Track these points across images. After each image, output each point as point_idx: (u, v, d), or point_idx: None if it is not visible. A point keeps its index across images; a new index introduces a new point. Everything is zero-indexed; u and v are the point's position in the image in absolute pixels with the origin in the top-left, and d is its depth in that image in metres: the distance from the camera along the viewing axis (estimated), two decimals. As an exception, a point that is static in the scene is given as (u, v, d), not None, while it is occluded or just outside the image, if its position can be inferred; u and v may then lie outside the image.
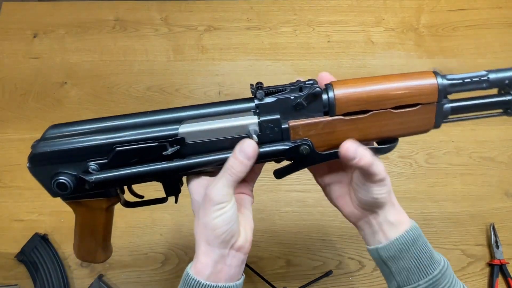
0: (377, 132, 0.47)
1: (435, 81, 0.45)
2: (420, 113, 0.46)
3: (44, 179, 0.47)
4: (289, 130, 0.46)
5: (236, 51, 1.04)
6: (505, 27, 1.09)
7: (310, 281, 0.78)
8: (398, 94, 0.45)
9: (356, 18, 1.09)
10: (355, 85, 0.45)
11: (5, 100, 0.95)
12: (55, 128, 0.46)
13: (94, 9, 1.07)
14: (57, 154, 0.45)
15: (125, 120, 0.46)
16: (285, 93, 0.45)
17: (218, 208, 0.43)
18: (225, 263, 0.44)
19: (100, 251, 0.56)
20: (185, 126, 0.45)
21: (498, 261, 0.80)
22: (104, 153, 0.45)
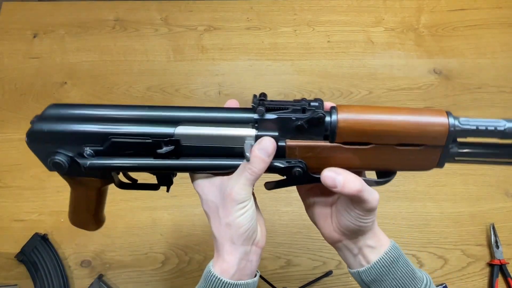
0: (376, 164, 0.46)
1: (446, 126, 0.42)
2: (424, 154, 0.44)
3: (41, 155, 0.47)
4: (285, 148, 0.45)
5: (236, 51, 1.04)
6: (505, 27, 1.09)
7: (310, 281, 0.78)
8: (404, 132, 0.42)
9: (356, 18, 1.09)
10: (360, 114, 0.43)
11: (5, 100, 0.95)
12: (55, 108, 0.46)
13: (94, 9, 1.07)
14: (54, 134, 0.46)
15: (124, 111, 0.46)
16: (287, 112, 0.44)
17: (241, 207, 0.44)
18: (248, 260, 0.46)
19: (93, 222, 0.58)
20: (182, 128, 0.45)
21: (498, 261, 0.80)
22: (100, 141, 0.46)
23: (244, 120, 0.45)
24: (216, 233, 0.46)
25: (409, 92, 1.00)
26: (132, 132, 0.45)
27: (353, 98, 0.99)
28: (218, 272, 0.44)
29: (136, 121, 0.46)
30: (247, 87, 0.99)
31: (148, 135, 0.45)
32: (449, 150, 0.44)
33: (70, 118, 0.46)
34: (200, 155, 0.46)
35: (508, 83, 1.02)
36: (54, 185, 0.85)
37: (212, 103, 0.97)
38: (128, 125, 0.46)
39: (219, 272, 0.44)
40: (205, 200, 0.47)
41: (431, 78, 1.02)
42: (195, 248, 0.81)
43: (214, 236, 0.46)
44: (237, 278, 0.45)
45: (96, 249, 0.80)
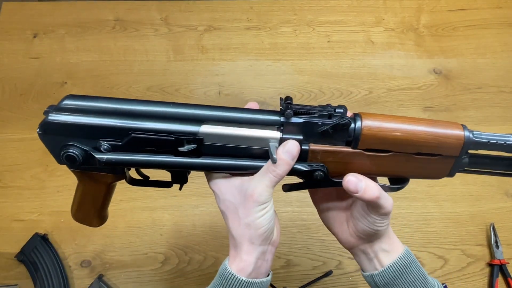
0: (392, 171, 0.47)
1: (462, 138, 0.44)
2: (439, 163, 0.46)
3: (54, 147, 0.46)
4: (308, 152, 0.45)
5: (236, 51, 1.04)
6: (505, 27, 1.09)
7: (310, 281, 0.78)
8: (423, 142, 0.44)
9: (356, 18, 1.09)
10: (384, 122, 0.44)
11: (5, 100, 0.95)
12: (73, 99, 0.45)
13: (94, 9, 1.07)
14: (71, 126, 0.44)
15: (146, 107, 0.45)
16: (313, 117, 0.45)
17: (262, 208, 0.44)
18: (264, 259, 0.47)
19: (97, 218, 0.57)
20: (207, 127, 0.45)
21: (498, 261, 0.80)
22: (119, 135, 0.45)
23: (270, 122, 0.45)
24: (234, 232, 0.46)
25: (409, 92, 1.00)
26: (156, 129, 0.44)
27: (353, 98, 0.99)
28: (236, 270, 0.45)
29: (158, 117, 0.45)
30: (247, 87, 0.99)
31: (171, 132, 0.45)
32: (461, 161, 0.46)
33: (88, 110, 0.45)
34: (220, 155, 0.46)
35: (508, 83, 1.02)
36: (54, 185, 0.85)
37: (212, 103, 0.96)
38: (150, 121, 0.45)
39: (236, 271, 0.45)
40: (222, 199, 0.47)
41: (431, 78, 1.02)
42: (195, 248, 0.81)
43: (232, 235, 0.46)
44: (253, 276, 0.46)
45: (96, 249, 0.80)
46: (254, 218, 0.44)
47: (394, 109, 0.97)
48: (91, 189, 0.53)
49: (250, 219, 0.44)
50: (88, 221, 0.58)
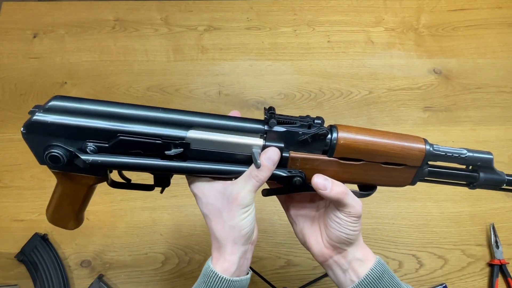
0: (362, 179, 0.51)
1: (423, 150, 0.49)
2: (403, 172, 0.51)
3: (37, 147, 0.46)
4: (289, 159, 0.49)
5: (236, 51, 1.04)
6: (505, 27, 1.09)
7: (310, 281, 0.78)
8: (391, 153, 0.49)
9: (356, 18, 1.09)
10: (358, 134, 0.48)
11: (5, 100, 0.95)
12: (60, 100, 0.45)
13: (94, 9, 1.07)
14: (57, 127, 0.45)
15: (135, 110, 0.46)
16: (295, 127, 0.48)
17: (245, 211, 0.47)
18: (245, 258, 0.49)
19: (73, 220, 0.57)
20: (194, 132, 0.46)
21: (498, 261, 0.80)
22: (106, 137, 0.45)
23: (254, 130, 0.48)
24: (218, 234, 0.48)
25: (409, 92, 1.00)
26: (144, 132, 0.45)
27: (353, 98, 0.99)
28: (220, 270, 0.47)
29: (146, 121, 0.46)
30: (247, 87, 0.99)
31: (159, 136, 0.46)
32: (422, 171, 0.51)
33: (76, 112, 0.45)
34: (204, 159, 0.48)
35: (508, 83, 1.02)
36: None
37: (212, 103, 0.97)
38: (139, 125, 0.46)
39: (221, 271, 0.47)
40: (205, 202, 0.49)
41: (431, 78, 1.02)
42: (195, 248, 0.81)
43: (216, 237, 0.49)
44: (236, 275, 0.48)
45: (96, 249, 0.80)
46: (238, 220, 0.47)
47: (394, 109, 0.97)
48: (70, 191, 0.52)
49: (235, 221, 0.47)
50: (64, 223, 0.57)
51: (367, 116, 0.96)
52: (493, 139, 0.94)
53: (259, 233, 0.82)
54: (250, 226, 0.48)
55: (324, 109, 0.97)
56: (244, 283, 0.49)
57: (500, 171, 0.54)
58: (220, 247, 0.48)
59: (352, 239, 0.50)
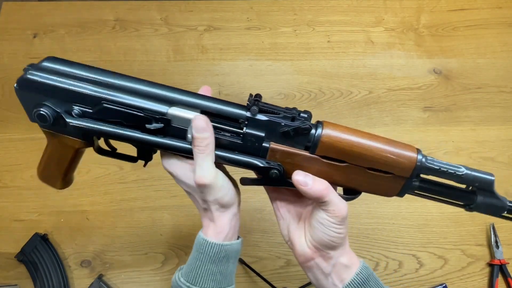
0: (345, 181, 0.49)
1: (414, 161, 0.46)
2: (390, 181, 0.47)
3: (27, 104, 0.47)
4: (268, 150, 0.47)
5: (236, 51, 1.04)
6: (505, 27, 1.09)
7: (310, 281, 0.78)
8: (377, 158, 0.46)
9: (356, 18, 1.09)
10: (343, 133, 0.46)
11: (5, 100, 0.95)
12: (53, 61, 0.47)
13: (94, 9, 1.07)
14: (46, 87, 0.46)
15: (122, 81, 0.47)
16: (277, 117, 0.47)
17: (213, 187, 0.46)
18: (236, 219, 0.50)
19: (60, 181, 0.58)
20: (175, 110, 0.47)
21: (498, 261, 0.80)
22: (91, 103, 0.46)
23: (235, 115, 0.47)
24: (201, 205, 0.49)
25: (409, 92, 1.00)
26: (127, 103, 0.46)
27: (353, 98, 0.99)
28: (209, 236, 0.48)
29: (131, 92, 0.47)
30: (247, 87, 0.99)
31: (142, 108, 0.46)
32: (411, 183, 0.48)
33: (66, 74, 0.46)
34: (184, 138, 0.47)
35: (508, 83, 1.02)
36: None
37: (212, 103, 0.97)
38: (124, 95, 0.46)
39: (213, 234, 0.48)
40: (179, 181, 0.49)
41: (431, 78, 1.02)
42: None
43: (202, 209, 0.50)
44: (230, 237, 0.49)
45: (96, 249, 0.80)
46: (213, 196, 0.47)
47: (394, 109, 0.97)
48: (58, 151, 0.54)
49: (211, 198, 0.47)
50: (52, 182, 0.59)
51: (367, 116, 0.96)
52: (493, 139, 0.94)
53: (259, 233, 0.82)
54: (227, 195, 0.48)
55: (324, 109, 0.97)
56: (235, 247, 0.49)
57: (502, 197, 0.50)
58: (209, 216, 0.49)
59: (336, 242, 0.47)
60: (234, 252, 0.49)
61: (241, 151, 0.48)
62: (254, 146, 0.47)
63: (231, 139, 0.48)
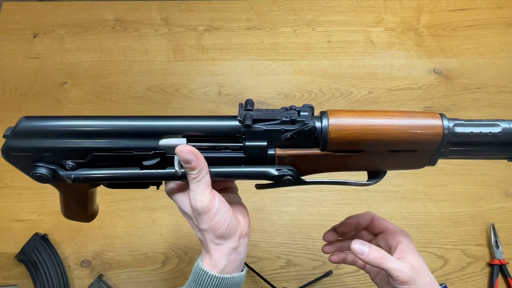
0: (366, 167, 0.46)
1: (440, 131, 0.41)
2: (416, 157, 0.44)
3: (22, 168, 0.46)
4: (275, 157, 0.45)
5: (236, 51, 1.04)
6: (505, 27, 1.09)
7: (310, 281, 0.78)
8: (397, 141, 0.41)
9: (356, 18, 1.09)
10: (353, 122, 0.41)
11: (5, 100, 0.95)
12: (28, 121, 0.44)
13: (94, 9, 1.07)
14: (30, 150, 0.44)
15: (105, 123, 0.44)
16: (275, 124, 0.43)
17: (210, 213, 0.44)
18: (236, 253, 0.47)
19: (86, 216, 0.58)
20: (166, 141, 0.44)
21: (498, 261, 0.80)
22: (81, 155, 0.45)
23: (230, 131, 0.44)
24: (199, 236, 0.47)
25: (409, 92, 1.00)
26: (114, 147, 0.44)
27: (353, 98, 0.99)
28: (208, 267, 0.45)
29: (117, 134, 0.44)
30: (247, 87, 0.99)
31: (131, 148, 0.44)
32: (441, 152, 0.43)
33: (46, 133, 0.44)
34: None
35: (508, 83, 1.02)
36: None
37: (212, 103, 0.97)
38: (111, 139, 0.44)
39: (209, 267, 0.45)
40: (181, 210, 0.48)
41: (431, 78, 1.02)
42: (195, 248, 0.81)
43: (199, 239, 0.47)
44: (227, 271, 0.46)
45: (96, 249, 0.80)
46: (207, 224, 0.44)
47: (394, 109, 0.97)
48: (72, 196, 0.53)
49: (205, 225, 0.45)
50: (79, 219, 0.59)
51: (367, 116, 0.96)
52: (493, 139, 0.94)
53: (259, 233, 0.82)
54: (225, 224, 0.45)
55: (324, 109, 0.97)
56: (237, 280, 0.47)
57: None
58: (205, 247, 0.47)
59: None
60: (235, 286, 0.47)
61: (248, 163, 0.45)
62: (259, 156, 0.45)
63: (234, 154, 0.45)
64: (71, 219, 0.59)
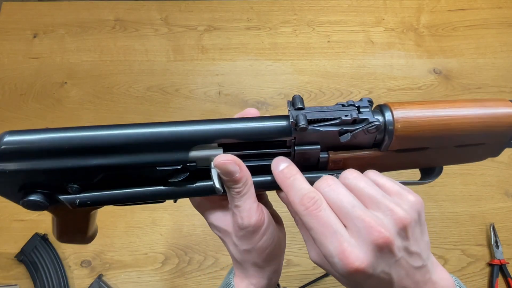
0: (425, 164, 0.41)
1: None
2: (482, 150, 0.40)
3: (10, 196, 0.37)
4: (328, 161, 0.38)
5: (236, 51, 1.04)
6: (505, 27, 1.09)
7: (310, 281, 0.78)
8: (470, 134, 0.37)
9: (356, 18, 1.09)
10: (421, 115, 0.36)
11: (5, 100, 0.95)
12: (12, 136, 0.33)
13: (94, 9, 1.07)
14: (22, 174, 0.35)
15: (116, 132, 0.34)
16: (334, 125, 0.36)
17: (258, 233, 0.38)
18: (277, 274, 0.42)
19: (85, 238, 0.51)
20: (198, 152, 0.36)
21: (498, 261, 0.80)
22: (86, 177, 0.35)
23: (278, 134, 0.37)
24: (236, 257, 0.40)
25: (409, 92, 1.00)
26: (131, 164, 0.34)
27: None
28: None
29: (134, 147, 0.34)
30: (247, 87, 0.99)
31: (154, 164, 0.35)
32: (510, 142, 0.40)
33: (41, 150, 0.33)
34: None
35: (508, 83, 1.02)
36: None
37: (212, 103, 0.97)
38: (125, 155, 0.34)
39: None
40: (212, 225, 0.42)
41: (431, 78, 1.02)
42: (195, 248, 0.81)
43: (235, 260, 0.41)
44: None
45: (96, 249, 0.80)
46: (252, 243, 0.38)
47: (394, 109, 0.97)
48: (71, 220, 0.45)
49: (250, 246, 0.38)
50: (76, 241, 0.52)
51: (367, 116, 0.96)
52: (493, 139, 0.94)
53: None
54: (271, 245, 0.39)
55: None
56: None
57: None
58: (243, 270, 0.40)
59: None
60: None
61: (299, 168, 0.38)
62: (309, 162, 0.38)
63: None
64: (67, 242, 0.50)
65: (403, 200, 0.33)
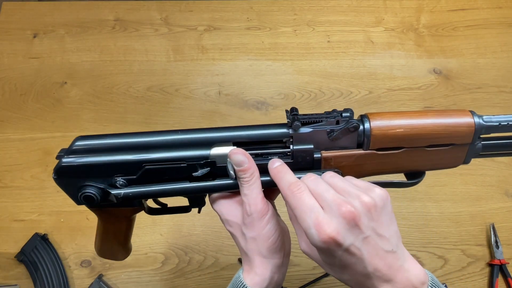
0: (407, 166, 0.48)
1: (472, 125, 0.45)
2: (452, 152, 0.47)
3: (70, 190, 0.47)
4: (321, 160, 0.46)
5: (236, 51, 1.04)
6: (505, 27, 1.09)
7: (310, 281, 0.78)
8: (434, 134, 0.45)
9: (356, 18, 1.09)
10: (392, 120, 0.45)
11: (5, 100, 0.95)
12: (82, 139, 0.46)
13: (94, 9, 1.07)
14: (84, 168, 0.45)
15: (155, 137, 0.46)
16: (321, 125, 0.46)
17: (262, 219, 0.45)
18: (279, 272, 0.47)
19: (121, 251, 0.58)
20: (217, 149, 0.46)
21: (498, 261, 0.80)
22: (132, 169, 0.46)
23: (278, 136, 0.46)
24: (244, 248, 0.46)
25: (409, 92, 1.00)
26: (167, 157, 0.46)
27: (353, 98, 0.99)
28: (250, 284, 0.45)
29: (167, 146, 0.46)
30: (247, 87, 0.99)
31: (183, 159, 0.46)
32: (475, 147, 0.47)
33: (100, 149, 0.46)
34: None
35: (508, 83, 1.02)
36: (54, 185, 0.83)
37: (212, 103, 0.97)
38: (162, 151, 0.46)
39: (251, 285, 0.45)
40: (225, 220, 0.48)
41: (431, 78, 1.02)
42: (195, 248, 0.81)
43: (244, 252, 0.46)
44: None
45: (96, 249, 0.80)
46: (258, 230, 0.44)
47: (394, 109, 0.97)
48: (112, 224, 0.54)
49: (255, 232, 0.45)
50: (114, 256, 0.59)
51: (367, 116, 0.96)
52: (493, 139, 0.94)
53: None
54: (274, 235, 0.45)
55: (324, 109, 0.96)
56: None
57: None
58: (249, 261, 0.46)
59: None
60: None
61: (294, 169, 0.46)
62: (306, 160, 0.46)
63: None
64: (105, 256, 0.59)
65: (371, 191, 0.40)
